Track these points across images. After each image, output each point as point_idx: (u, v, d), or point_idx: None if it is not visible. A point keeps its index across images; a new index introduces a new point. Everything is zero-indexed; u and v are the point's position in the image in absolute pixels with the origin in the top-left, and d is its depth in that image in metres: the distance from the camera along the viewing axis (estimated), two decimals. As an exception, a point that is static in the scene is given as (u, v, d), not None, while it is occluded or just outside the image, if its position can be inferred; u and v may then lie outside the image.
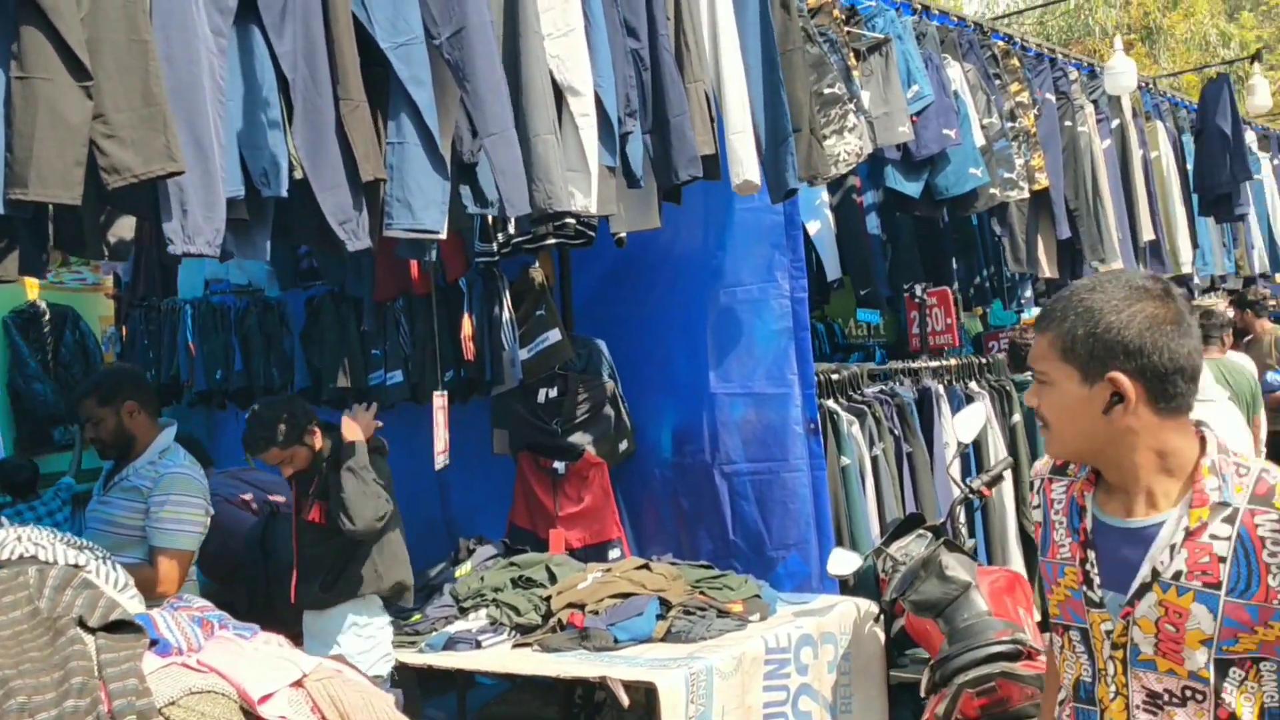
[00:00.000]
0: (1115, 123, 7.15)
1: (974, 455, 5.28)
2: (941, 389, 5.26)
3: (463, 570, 4.22)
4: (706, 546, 4.71)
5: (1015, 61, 6.18)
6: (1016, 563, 5.26)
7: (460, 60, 3.03)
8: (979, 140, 5.72)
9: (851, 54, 5.03)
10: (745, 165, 3.95)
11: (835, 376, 4.85)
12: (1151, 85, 8.02)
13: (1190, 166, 8.01)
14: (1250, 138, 9.25)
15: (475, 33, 3.03)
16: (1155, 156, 7.57)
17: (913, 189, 5.60)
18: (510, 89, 3.33)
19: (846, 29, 5.17)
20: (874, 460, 4.64)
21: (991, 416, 5.30)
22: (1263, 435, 6.69)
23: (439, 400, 4.13)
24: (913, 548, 4.02)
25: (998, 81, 6.00)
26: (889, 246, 6.81)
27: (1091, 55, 15.61)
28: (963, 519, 4.25)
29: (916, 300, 5.81)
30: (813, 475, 4.46)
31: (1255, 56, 8.28)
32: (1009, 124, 6.00)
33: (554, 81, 3.46)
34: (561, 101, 3.50)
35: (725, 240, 4.62)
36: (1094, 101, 6.98)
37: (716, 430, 4.64)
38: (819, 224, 6.31)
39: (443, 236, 3.11)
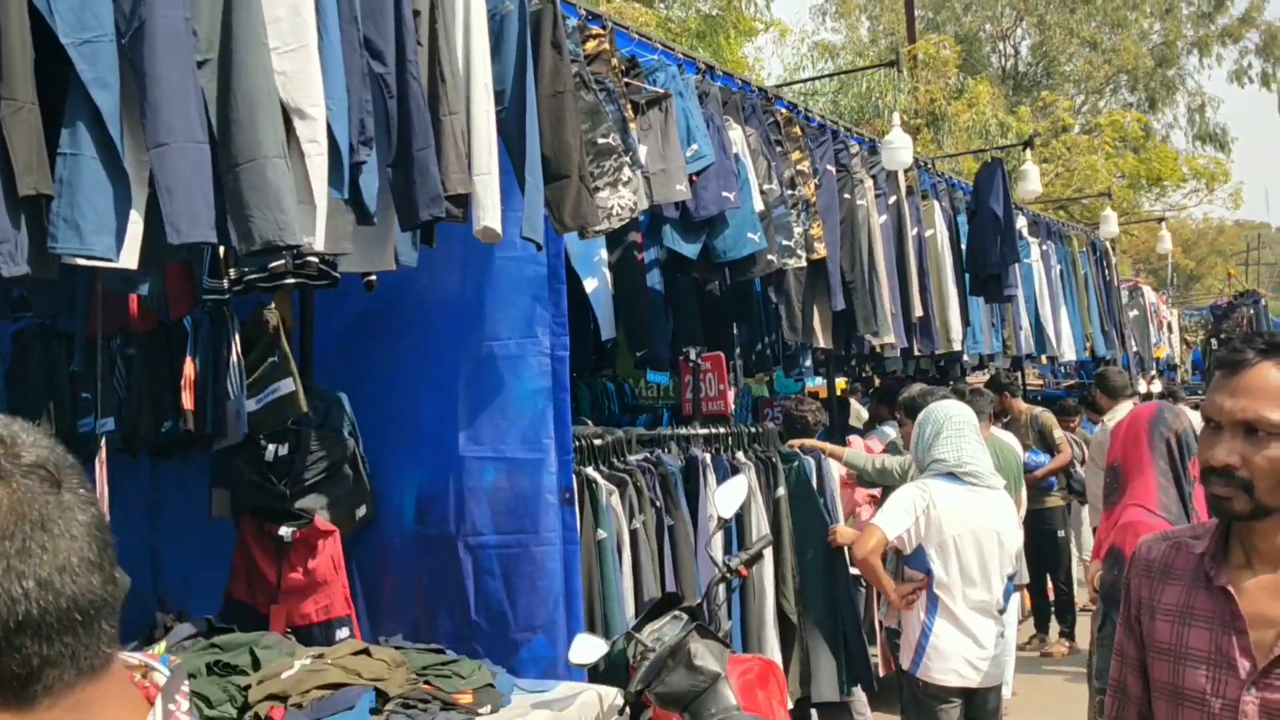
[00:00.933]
0: (893, 199, 7.23)
1: (736, 530, 5.07)
2: (708, 459, 5.04)
3: (155, 652, 3.67)
4: (446, 627, 4.30)
5: (797, 130, 6.12)
6: (773, 648, 5.07)
7: (138, 60, 2.59)
8: (758, 205, 5.60)
9: (629, 106, 4.82)
10: (486, 210, 3.63)
11: (598, 442, 4.55)
12: (930, 165, 8.20)
13: (964, 246, 8.22)
14: (1021, 223, 9.62)
15: (159, 31, 2.60)
16: (930, 234, 7.70)
17: (690, 250, 5.42)
18: (230, 105, 2.91)
19: (625, 80, 4.96)
20: (633, 534, 4.35)
21: (755, 489, 5.11)
22: (1022, 513, 6.79)
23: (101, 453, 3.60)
24: (666, 631, 3.73)
25: (779, 148, 5.92)
26: (671, 308, 6.64)
27: (877, 134, 16.29)
28: (720, 599, 4.00)
29: (691, 364, 5.60)
30: (565, 550, 4.12)
31: (1027, 143, 8.62)
32: (789, 191, 5.92)
33: (281, 102, 3.06)
34: (290, 125, 3.09)
35: (484, 290, 4.27)
36: (873, 177, 7.03)
37: (464, 498, 4.25)
38: (596, 281, 6.06)
39: (120, 265, 2.64)
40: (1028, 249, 9.71)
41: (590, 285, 6.00)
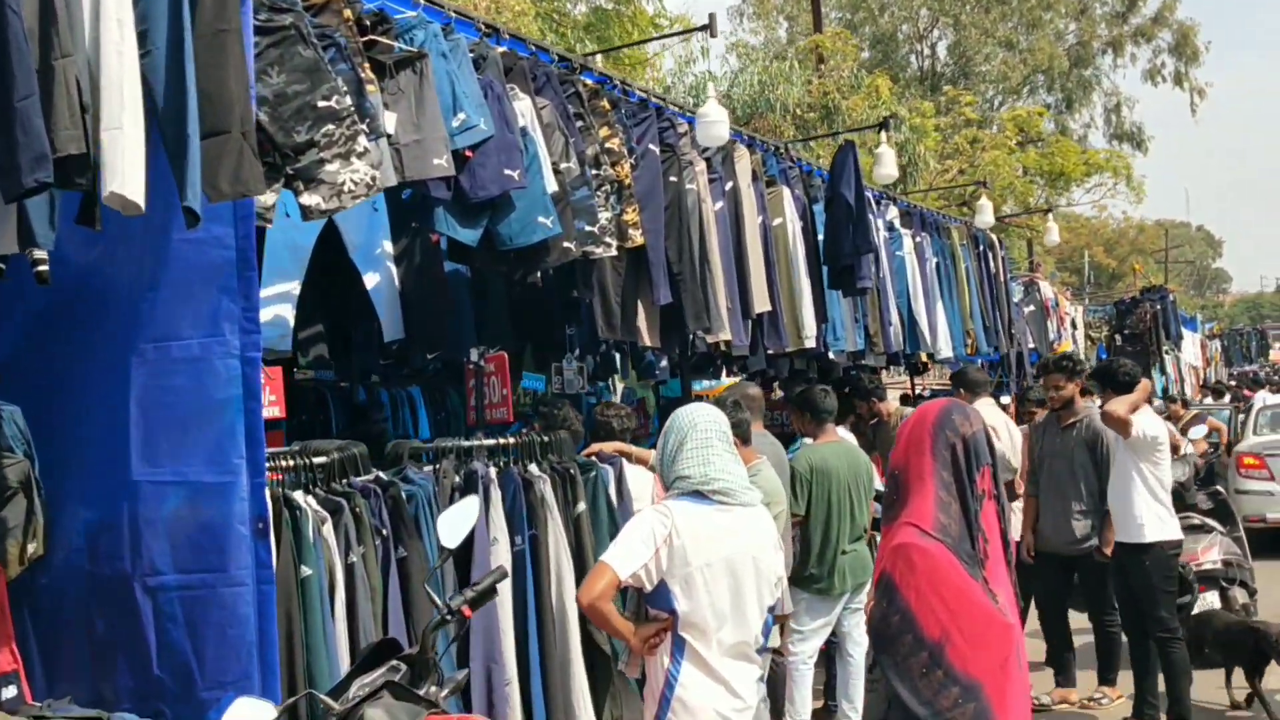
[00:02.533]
0: (730, 184, 6.62)
1: (531, 557, 4.39)
2: (493, 474, 4.37)
3: None
4: (126, 683, 3.58)
5: (605, 104, 5.48)
6: (581, 687, 4.38)
7: None
8: (551, 186, 4.95)
9: (367, 66, 4.15)
10: (115, 173, 2.93)
11: (321, 460, 3.86)
12: (781, 150, 7.62)
13: (821, 237, 7.65)
14: (893, 213, 9.09)
15: None
16: (779, 223, 7.12)
17: (468, 236, 4.75)
18: None
19: (370, 37, 4.29)
20: (350, 569, 3.66)
21: (553, 506, 4.44)
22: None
23: None
24: (383, 680, 3.06)
25: (580, 123, 5.27)
26: (482, 303, 5.98)
27: (772, 132, 15.76)
28: (440, 646, 3.32)
29: (473, 367, 4.93)
30: (258, 591, 3.43)
31: (882, 124, 8.07)
32: (593, 171, 5.28)
33: None
34: None
35: (162, 280, 3.56)
36: (707, 160, 6.42)
37: (139, 529, 3.53)
38: (377, 275, 5.37)
39: None
40: (900, 241, 9.19)
41: (370, 280, 5.31)
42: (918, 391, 11.20)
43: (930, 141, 19.00)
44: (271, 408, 4.14)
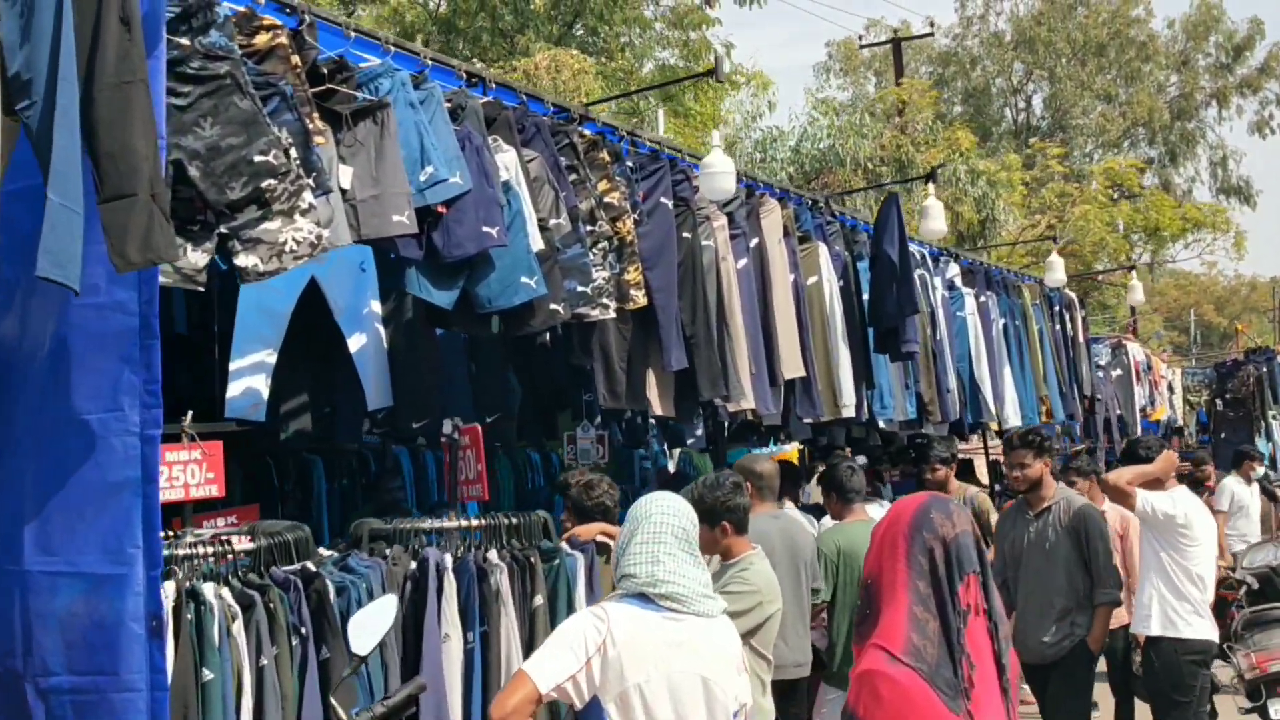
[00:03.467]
0: (755, 240, 6.18)
1: (480, 655, 3.96)
2: (449, 560, 3.96)
3: None
4: (17, 793, 3.22)
5: (605, 155, 5.11)
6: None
7: None
8: (536, 244, 4.57)
9: (315, 116, 3.83)
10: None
11: (249, 545, 3.49)
12: (821, 204, 7.16)
13: (867, 297, 7.15)
14: (954, 271, 8.55)
15: None
16: (813, 282, 6.64)
17: (443, 299, 4.40)
18: None
19: (328, 85, 3.98)
20: (260, 672, 3.27)
21: (507, 599, 4.01)
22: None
23: None
24: None
25: (573, 176, 4.90)
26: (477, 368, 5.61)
27: (842, 188, 15.26)
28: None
29: (446, 439, 4.54)
30: (152, 697, 3.06)
31: (929, 176, 7.54)
32: (587, 227, 4.89)
33: None
34: None
35: (65, 348, 3.25)
36: (729, 215, 6.00)
37: (31, 625, 3.18)
38: (364, 339, 5.04)
39: None
40: (961, 300, 8.62)
41: (355, 343, 4.98)
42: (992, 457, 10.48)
43: (1016, 196, 18.30)
44: (208, 486, 3.81)
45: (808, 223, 6.82)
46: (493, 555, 4.08)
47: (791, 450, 9.95)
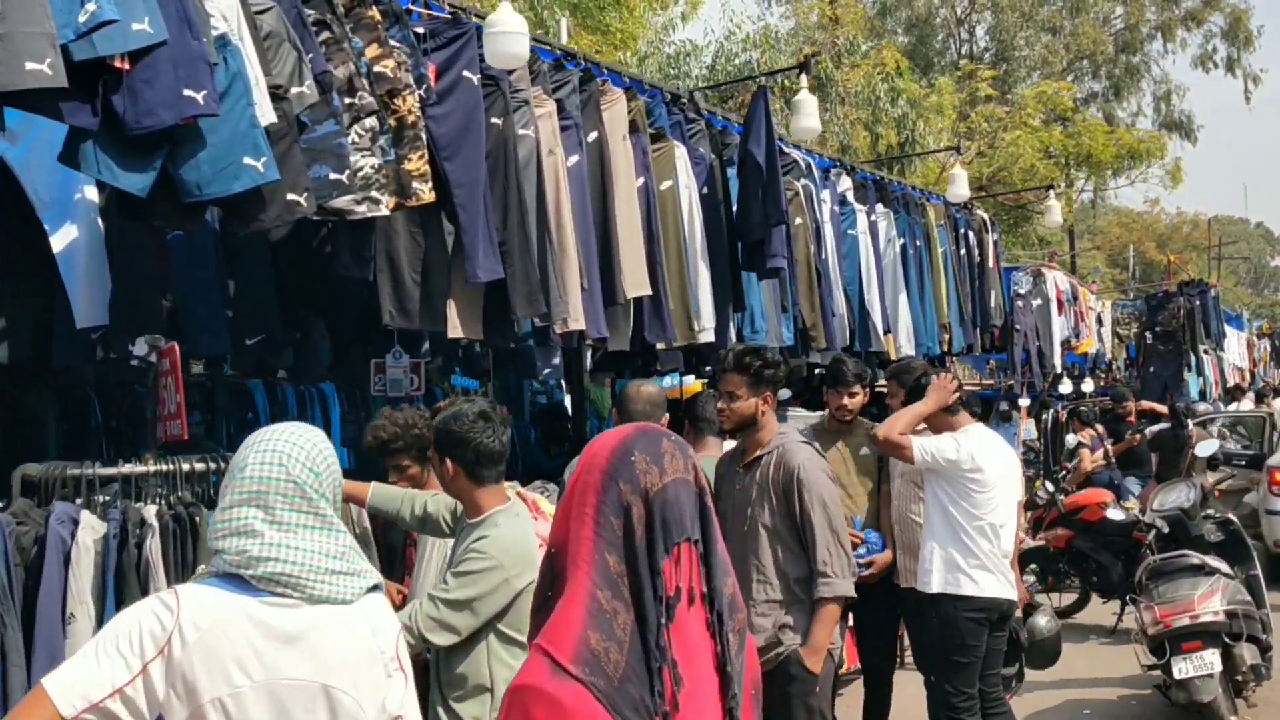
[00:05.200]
0: (593, 135, 5.27)
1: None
2: (89, 519, 3.05)
3: None
4: None
5: (375, 13, 4.14)
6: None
7: None
8: (266, 116, 3.62)
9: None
10: None
11: None
12: (684, 99, 6.23)
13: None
14: (845, 185, 7.69)
15: None
16: (666, 188, 5.75)
17: (133, 182, 3.44)
18: None
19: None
20: None
21: (158, 567, 3.12)
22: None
23: None
24: None
25: (326, 34, 3.95)
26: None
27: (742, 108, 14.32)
28: None
29: (139, 363, 3.62)
30: None
31: (803, 66, 6.61)
32: (345, 100, 3.96)
33: None
34: None
35: None
36: (559, 102, 5.07)
37: None
38: (73, 235, 4.08)
39: None
40: (853, 218, 7.78)
41: (61, 242, 4.03)
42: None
43: (946, 121, 17.46)
44: None
45: (662, 119, 5.91)
46: (149, 512, 3.18)
47: (697, 384, 9.12)
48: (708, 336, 5.90)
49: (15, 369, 4.75)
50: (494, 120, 4.62)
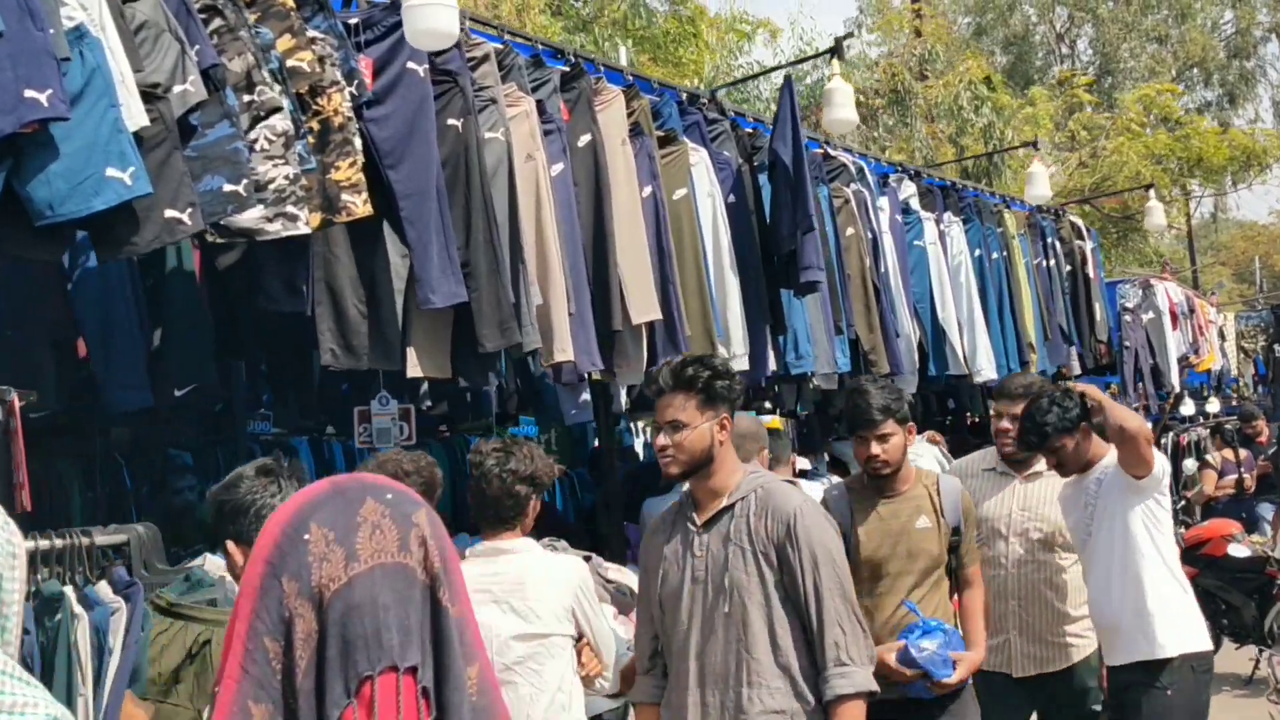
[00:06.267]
0: (586, 139, 4.59)
1: None
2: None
3: None
4: None
5: (288, 1, 3.55)
6: None
7: None
8: (136, 118, 3.04)
9: None
10: None
11: None
12: (704, 99, 5.51)
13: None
14: (909, 191, 6.89)
15: None
16: (680, 197, 5.03)
17: (-30, 202, 2.89)
18: None
19: None
20: None
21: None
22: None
23: None
24: None
25: (218, 23, 3.36)
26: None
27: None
28: None
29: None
30: None
31: (834, 50, 5.79)
32: (244, 97, 3.35)
33: None
34: None
35: None
36: (539, 103, 4.42)
37: None
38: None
39: None
40: (919, 228, 6.94)
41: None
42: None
43: (1043, 132, 16.39)
44: None
45: (674, 120, 5.20)
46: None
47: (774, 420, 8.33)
48: (740, 364, 5.14)
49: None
50: (452, 121, 3.98)
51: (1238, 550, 6.44)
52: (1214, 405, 13.95)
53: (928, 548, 3.80)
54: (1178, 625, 3.97)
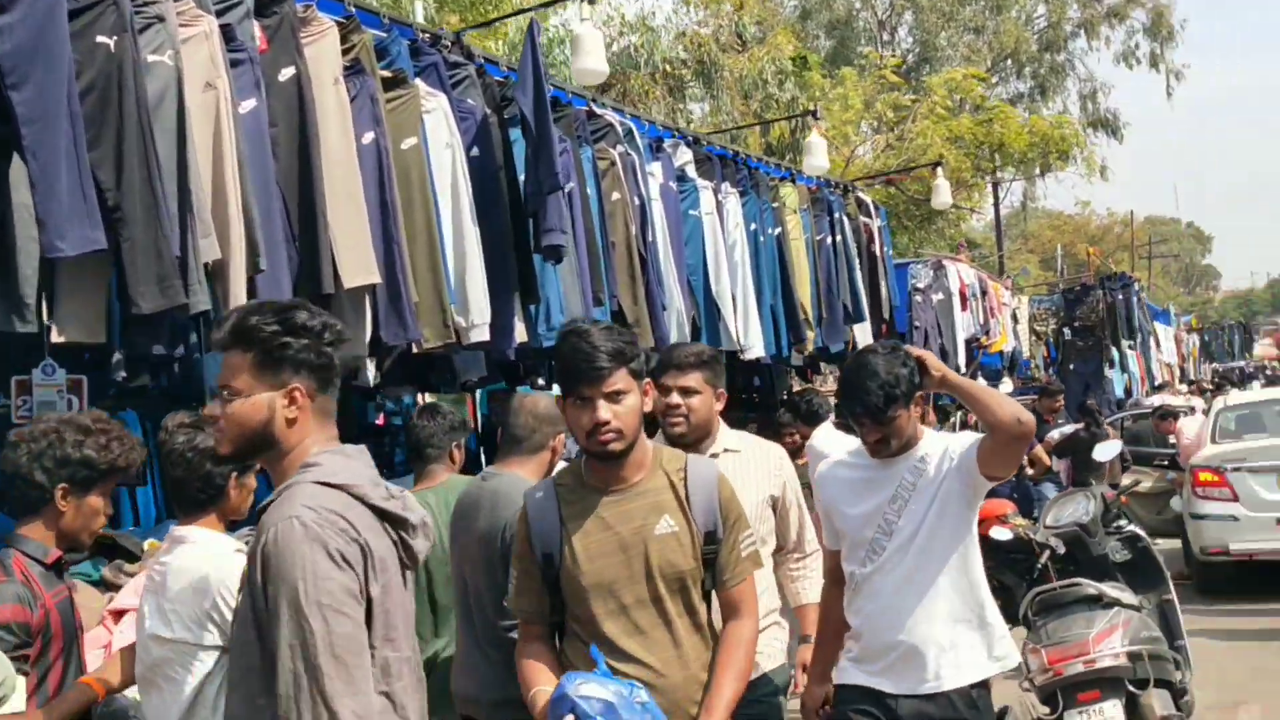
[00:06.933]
0: (289, 72, 4.03)
1: None
2: None
3: None
4: None
5: None
6: None
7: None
8: None
9: None
10: None
11: None
12: (448, 42, 4.99)
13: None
14: (685, 157, 6.54)
15: None
16: (410, 146, 4.52)
17: None
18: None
19: None
20: None
21: None
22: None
23: None
24: None
25: None
26: None
27: (643, 97, 13.17)
28: None
29: None
30: None
31: None
32: None
33: None
34: None
35: None
36: (225, 27, 3.84)
37: None
38: None
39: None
40: (694, 196, 6.61)
41: None
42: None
43: (851, 113, 16.46)
44: None
45: (403, 60, 4.68)
46: None
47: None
48: (479, 335, 4.68)
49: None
50: (101, 39, 3.37)
51: (998, 533, 6.36)
52: (1007, 385, 14.27)
53: (673, 561, 2.84)
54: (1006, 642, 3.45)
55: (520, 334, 5.07)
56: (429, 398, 6.56)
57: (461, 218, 4.73)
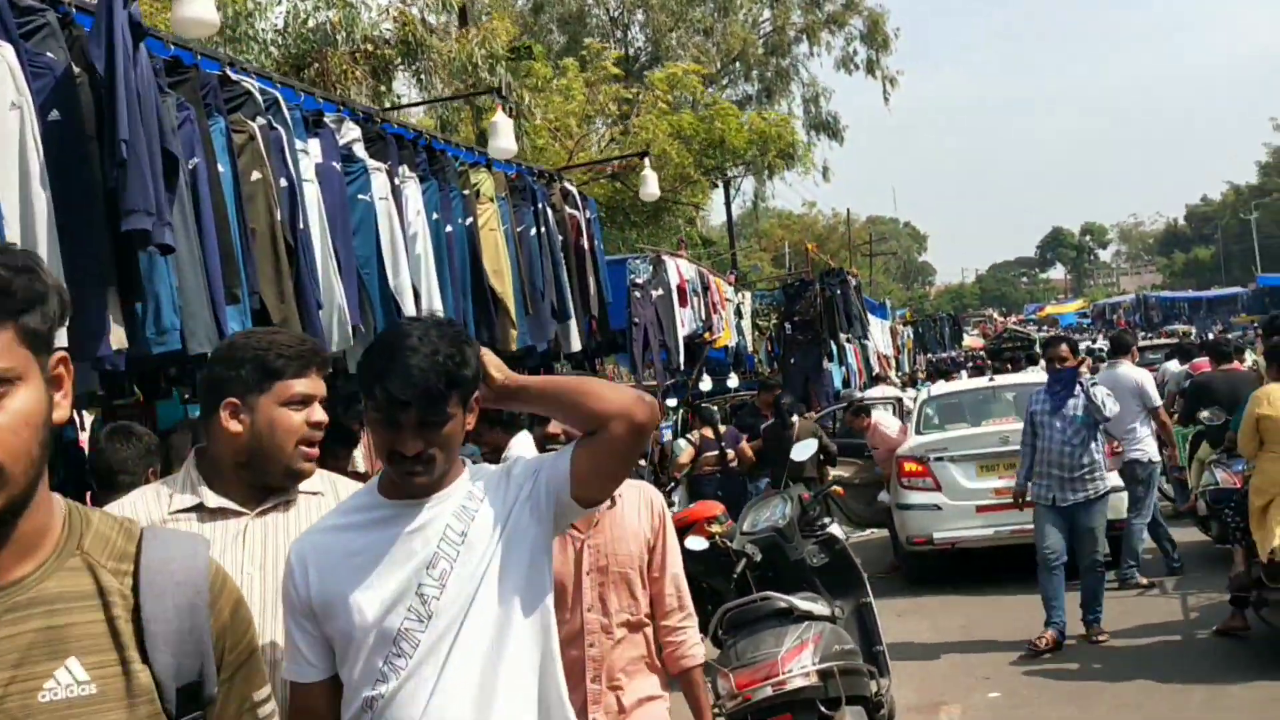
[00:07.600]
0: None
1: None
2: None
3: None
4: None
5: None
6: None
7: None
8: None
9: None
10: None
11: None
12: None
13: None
14: (353, 134, 5.80)
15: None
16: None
17: None
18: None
19: None
20: None
21: None
22: None
23: None
24: None
25: None
26: None
27: (342, 78, 12.29)
28: None
29: None
30: None
31: None
32: None
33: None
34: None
35: None
36: None
37: None
38: None
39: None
40: (365, 180, 5.87)
41: None
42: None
43: (574, 105, 16.03)
44: None
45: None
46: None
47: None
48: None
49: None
50: None
51: (694, 543, 5.97)
52: (733, 381, 14.23)
53: None
54: None
55: (119, 338, 4.19)
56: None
57: (30, 191, 3.84)
